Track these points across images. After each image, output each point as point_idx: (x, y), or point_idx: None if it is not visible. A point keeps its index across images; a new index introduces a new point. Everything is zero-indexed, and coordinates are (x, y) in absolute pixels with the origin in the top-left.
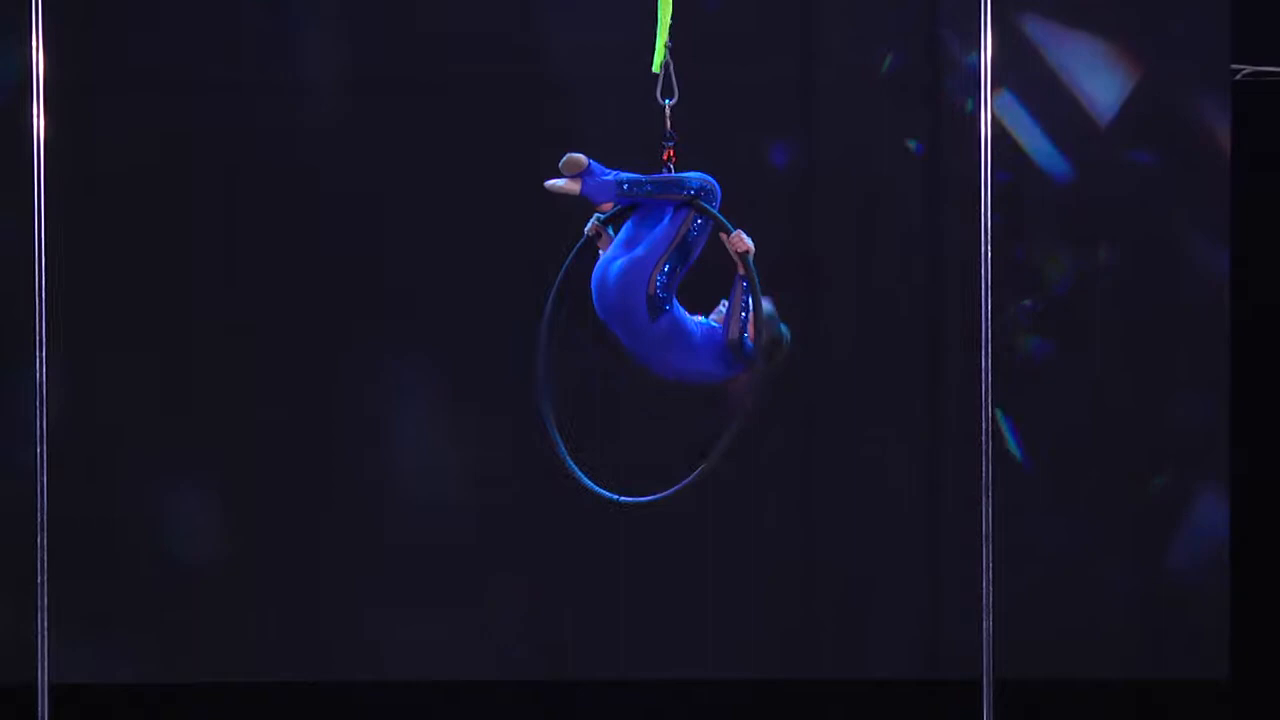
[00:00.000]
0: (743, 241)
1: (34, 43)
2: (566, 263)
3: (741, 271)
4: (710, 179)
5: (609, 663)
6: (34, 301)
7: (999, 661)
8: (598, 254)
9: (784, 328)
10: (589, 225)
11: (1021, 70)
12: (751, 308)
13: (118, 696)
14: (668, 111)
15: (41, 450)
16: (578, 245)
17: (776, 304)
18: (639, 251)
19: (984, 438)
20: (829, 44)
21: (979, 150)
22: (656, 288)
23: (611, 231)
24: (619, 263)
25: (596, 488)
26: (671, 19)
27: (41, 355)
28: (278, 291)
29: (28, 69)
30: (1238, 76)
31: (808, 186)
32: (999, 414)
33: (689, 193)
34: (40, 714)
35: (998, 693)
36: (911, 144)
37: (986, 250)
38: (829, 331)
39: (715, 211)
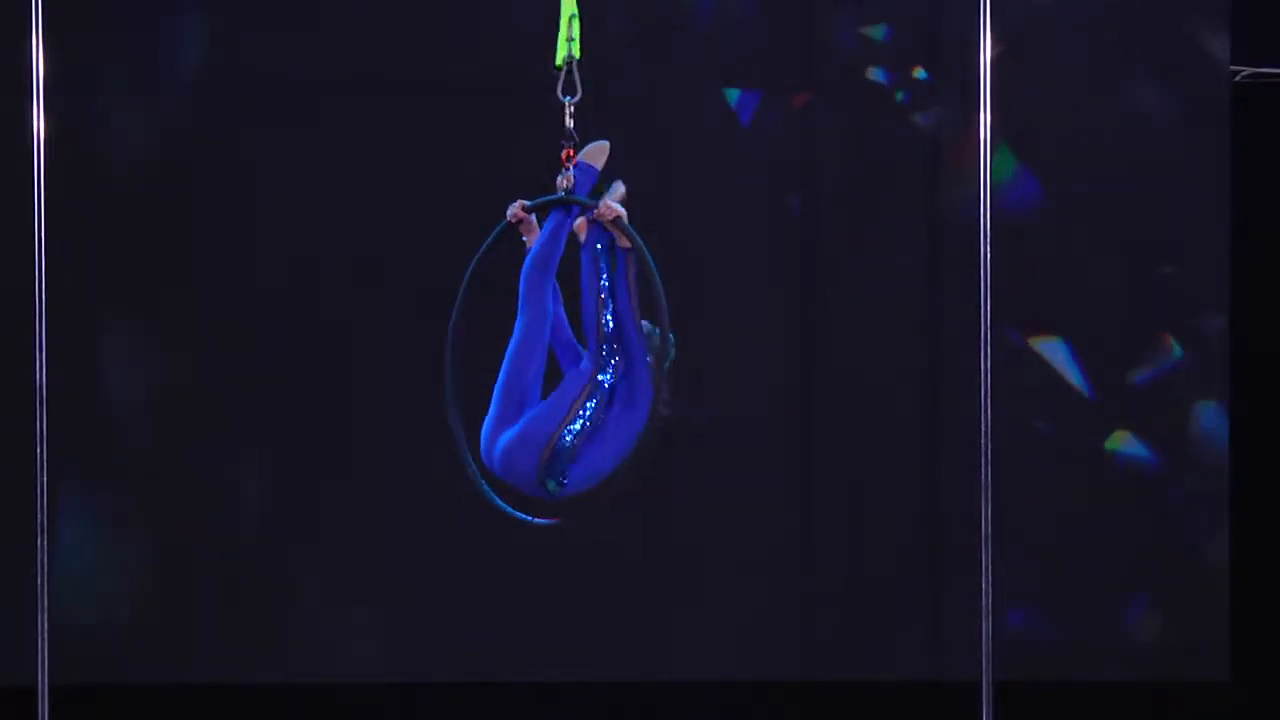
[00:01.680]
0: (611, 208)
1: (34, 42)
2: (481, 249)
3: (625, 244)
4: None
5: (608, 663)
6: (34, 304)
7: (998, 663)
8: (522, 243)
9: (671, 337)
10: (511, 209)
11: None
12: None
13: (118, 697)
14: (569, 109)
15: (41, 451)
16: (496, 230)
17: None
18: (524, 427)
19: (984, 438)
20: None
21: (979, 154)
22: (556, 448)
23: (536, 220)
24: (502, 441)
25: (502, 503)
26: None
27: (41, 357)
28: (280, 292)
29: (28, 68)
30: (1238, 78)
31: (807, 166)
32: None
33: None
34: (40, 714)
35: (997, 694)
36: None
37: (986, 249)
38: (827, 328)
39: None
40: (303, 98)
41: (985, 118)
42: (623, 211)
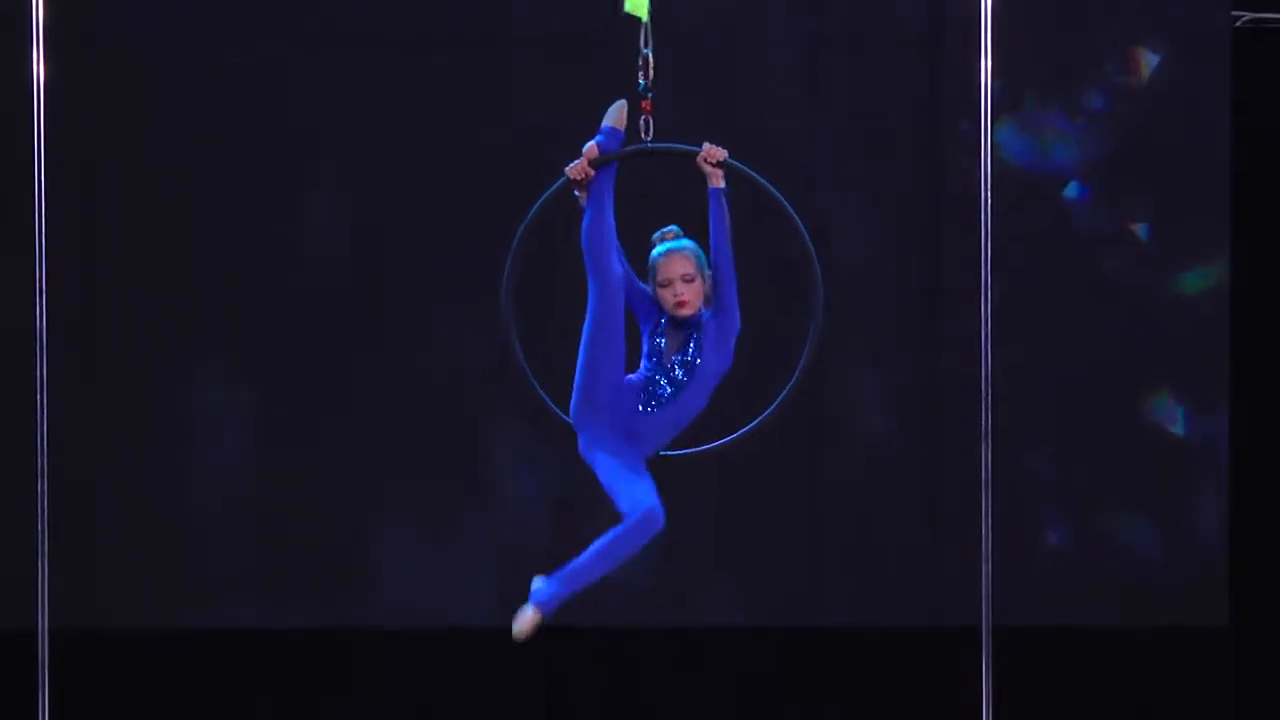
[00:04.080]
0: (715, 151)
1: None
2: (537, 205)
3: (719, 184)
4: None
5: (608, 610)
6: (35, 290)
7: (998, 609)
8: (575, 199)
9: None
10: (572, 165)
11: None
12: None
13: (118, 641)
14: (650, 61)
15: (42, 429)
16: (555, 185)
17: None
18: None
19: (984, 385)
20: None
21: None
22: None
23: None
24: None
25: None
26: None
27: (42, 343)
28: (278, 251)
29: (27, 18)
30: (1238, 23)
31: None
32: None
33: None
34: (40, 660)
35: (997, 640)
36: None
37: (987, 222)
38: (831, 287)
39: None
40: (309, 52)
41: (986, 109)
42: (725, 153)
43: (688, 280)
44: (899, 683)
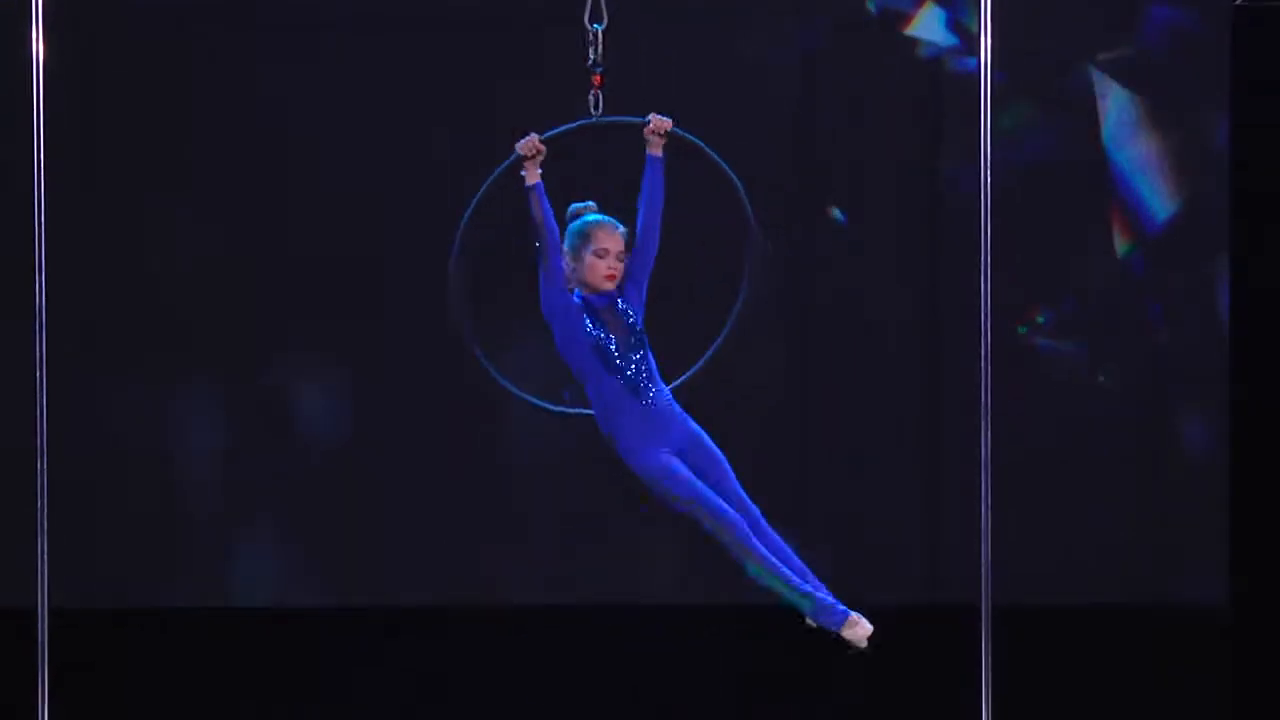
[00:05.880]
0: (662, 121)
1: None
2: (489, 181)
3: (657, 154)
4: None
5: (611, 588)
6: (34, 271)
7: (997, 587)
8: (521, 176)
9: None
10: (523, 142)
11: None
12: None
13: (118, 619)
14: (599, 37)
15: (41, 387)
16: (505, 164)
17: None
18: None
19: (983, 362)
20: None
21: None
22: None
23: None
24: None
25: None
26: None
27: (41, 324)
28: (277, 233)
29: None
30: (1238, 2)
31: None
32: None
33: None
34: (40, 639)
35: (996, 618)
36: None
37: (986, 199)
38: (828, 260)
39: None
40: (309, 34)
41: (985, 96)
42: (671, 123)
43: (620, 258)
44: (898, 660)
